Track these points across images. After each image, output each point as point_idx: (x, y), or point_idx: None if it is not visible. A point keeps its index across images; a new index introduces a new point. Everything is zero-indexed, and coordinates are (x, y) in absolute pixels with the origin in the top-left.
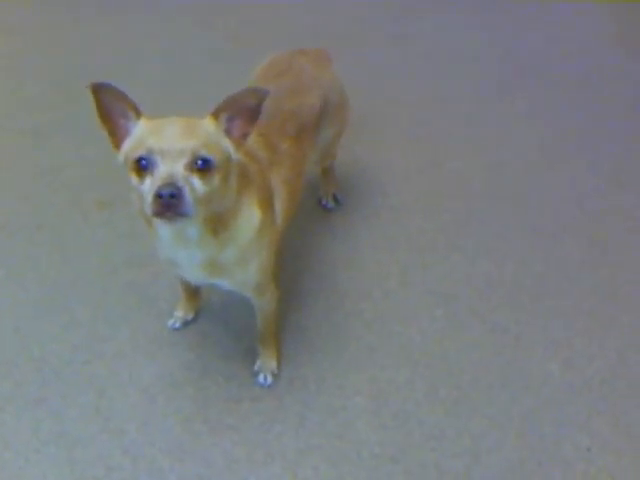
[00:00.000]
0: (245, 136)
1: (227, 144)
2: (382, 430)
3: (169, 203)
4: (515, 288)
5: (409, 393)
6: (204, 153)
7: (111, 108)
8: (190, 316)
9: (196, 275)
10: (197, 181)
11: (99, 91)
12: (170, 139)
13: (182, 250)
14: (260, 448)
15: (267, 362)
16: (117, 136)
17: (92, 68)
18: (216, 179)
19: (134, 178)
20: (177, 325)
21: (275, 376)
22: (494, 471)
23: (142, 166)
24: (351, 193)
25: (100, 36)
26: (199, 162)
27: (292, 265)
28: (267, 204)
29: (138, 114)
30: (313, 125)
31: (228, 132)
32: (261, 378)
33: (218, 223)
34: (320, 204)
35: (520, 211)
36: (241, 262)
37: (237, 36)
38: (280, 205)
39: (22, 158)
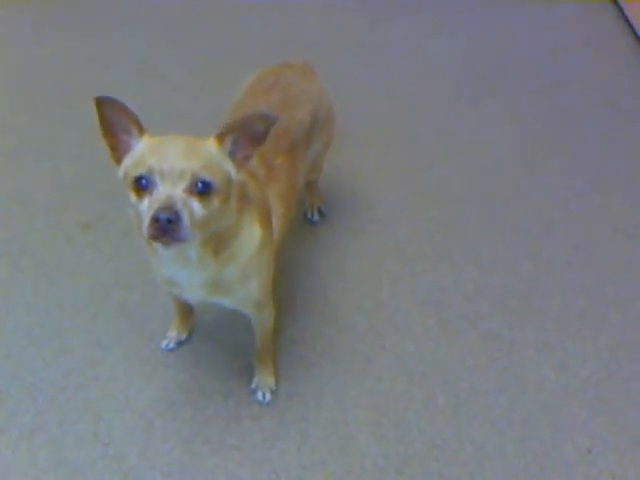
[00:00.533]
0: (248, 158)
1: (229, 166)
2: (384, 442)
3: (166, 228)
4: (505, 292)
5: (408, 403)
6: (205, 175)
7: (114, 122)
8: (184, 336)
9: (196, 295)
10: (196, 204)
11: (103, 105)
12: (171, 159)
13: (182, 270)
14: (264, 467)
15: (265, 379)
16: (118, 151)
17: (66, 86)
18: (216, 202)
19: (133, 196)
20: (171, 346)
21: (273, 393)
22: (498, 478)
23: (141, 185)
24: (336, 205)
25: (74, 53)
26: (199, 185)
27: (283, 280)
28: (266, 221)
29: (141, 131)
30: (304, 139)
31: (232, 154)
32: (259, 395)
33: (218, 243)
34: (306, 218)
35: (505, 214)
36: (242, 280)
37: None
38: (277, 221)
39: None
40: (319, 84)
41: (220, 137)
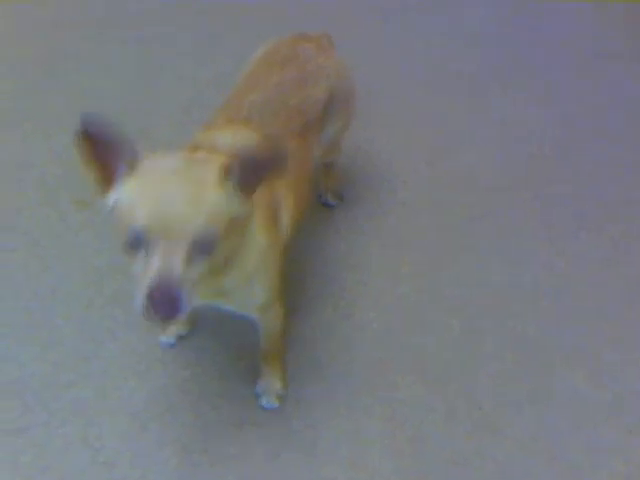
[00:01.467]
0: (256, 190)
1: (236, 203)
2: (399, 457)
3: (162, 306)
4: (535, 291)
5: (426, 414)
6: (208, 233)
7: (102, 152)
8: (184, 331)
9: (196, 301)
10: (198, 264)
11: (89, 132)
12: (169, 216)
13: None
14: None
15: (271, 383)
16: (106, 181)
17: (67, 50)
18: (221, 252)
19: (123, 244)
20: (170, 341)
21: (280, 398)
22: None
23: (133, 241)
24: (354, 188)
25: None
26: (202, 245)
27: (294, 270)
28: (272, 222)
29: (134, 161)
30: (318, 120)
31: (239, 185)
32: (265, 401)
33: (224, 264)
34: (320, 201)
35: (536, 206)
36: (245, 286)
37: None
38: (287, 215)
39: None
40: (338, 58)
41: (226, 171)
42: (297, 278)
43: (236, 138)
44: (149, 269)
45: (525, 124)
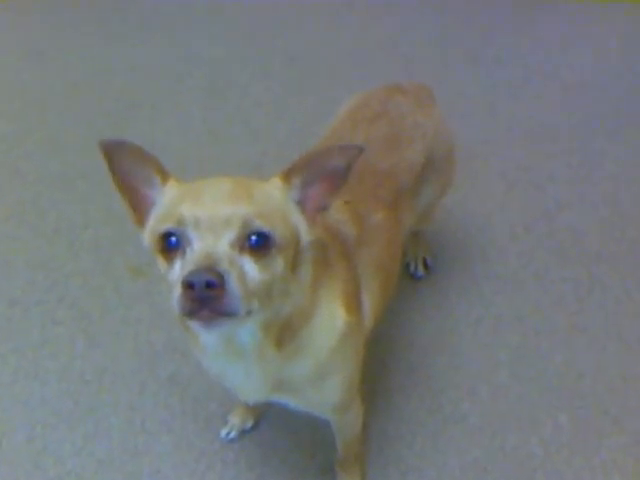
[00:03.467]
0: (324, 209)
1: (298, 218)
2: None
3: (205, 297)
4: None
5: None
6: (261, 225)
7: (130, 173)
8: (249, 424)
9: (252, 395)
10: (250, 264)
11: (113, 152)
12: (211, 204)
13: (232, 364)
14: None
15: None
16: (140, 209)
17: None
18: (279, 263)
19: (161, 262)
20: (232, 435)
21: None
22: None
23: (170, 244)
24: (444, 258)
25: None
26: (253, 238)
27: (374, 352)
28: (354, 300)
29: (165, 177)
30: (413, 187)
31: (301, 203)
32: None
33: (284, 329)
34: (407, 272)
35: None
36: (317, 380)
37: (293, 57)
38: (370, 299)
39: (35, 213)
40: (438, 114)
41: (286, 177)
42: (377, 362)
43: None
44: (189, 260)
45: (633, 179)
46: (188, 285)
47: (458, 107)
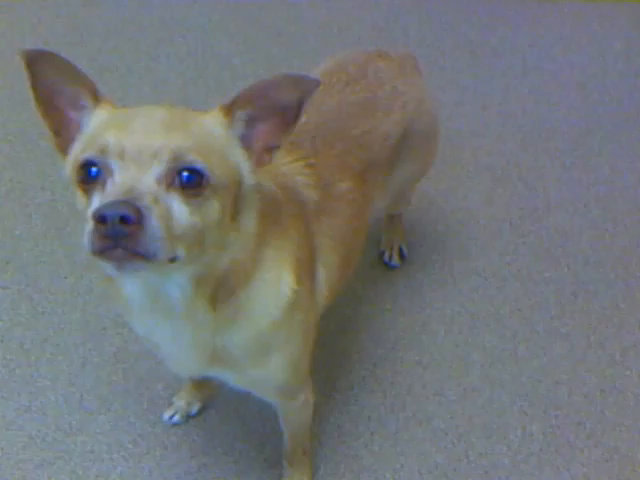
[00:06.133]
0: (272, 150)
1: (241, 157)
2: None
3: (119, 232)
4: None
5: None
6: (194, 159)
7: (55, 90)
8: (196, 408)
9: (185, 364)
10: (179, 205)
11: (37, 63)
12: (140, 133)
13: (160, 324)
14: None
15: None
16: (64, 135)
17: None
18: (214, 207)
19: (79, 195)
20: (176, 419)
21: None
22: None
23: (90, 175)
24: (422, 249)
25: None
26: (184, 174)
27: (336, 343)
28: (306, 269)
29: (96, 99)
30: (386, 160)
31: (246, 140)
32: None
33: (220, 285)
34: (381, 260)
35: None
36: (259, 353)
37: (280, 31)
38: (326, 273)
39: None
40: (422, 85)
41: (229, 109)
42: (338, 355)
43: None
44: (107, 192)
45: (634, 187)
46: (100, 219)
47: (450, 95)
